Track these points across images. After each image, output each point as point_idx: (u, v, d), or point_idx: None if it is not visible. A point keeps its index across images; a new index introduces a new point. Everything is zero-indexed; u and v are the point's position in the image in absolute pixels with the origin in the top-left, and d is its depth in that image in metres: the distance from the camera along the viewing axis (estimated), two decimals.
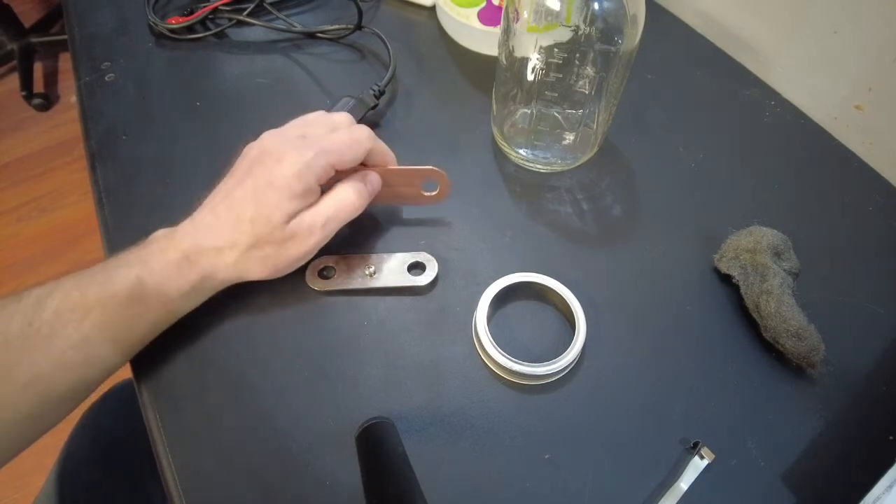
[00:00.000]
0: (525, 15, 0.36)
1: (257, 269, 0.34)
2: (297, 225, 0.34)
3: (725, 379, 0.35)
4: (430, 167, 0.40)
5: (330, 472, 0.31)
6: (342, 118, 0.38)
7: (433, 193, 0.40)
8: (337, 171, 0.36)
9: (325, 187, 0.36)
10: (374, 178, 0.38)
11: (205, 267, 0.32)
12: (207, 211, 0.34)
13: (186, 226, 0.34)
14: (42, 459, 0.50)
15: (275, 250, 0.33)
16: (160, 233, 0.34)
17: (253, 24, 0.53)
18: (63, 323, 0.28)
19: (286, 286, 0.36)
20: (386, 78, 0.47)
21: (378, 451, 0.28)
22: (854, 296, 0.39)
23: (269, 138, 0.35)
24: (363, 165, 0.39)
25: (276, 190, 0.33)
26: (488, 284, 0.36)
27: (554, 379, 0.34)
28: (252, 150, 0.35)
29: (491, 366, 0.34)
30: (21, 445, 0.29)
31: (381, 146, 0.39)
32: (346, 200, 0.35)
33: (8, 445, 0.28)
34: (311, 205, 0.35)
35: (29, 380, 0.28)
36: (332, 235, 0.35)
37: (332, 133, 0.36)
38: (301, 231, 0.34)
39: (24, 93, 1.54)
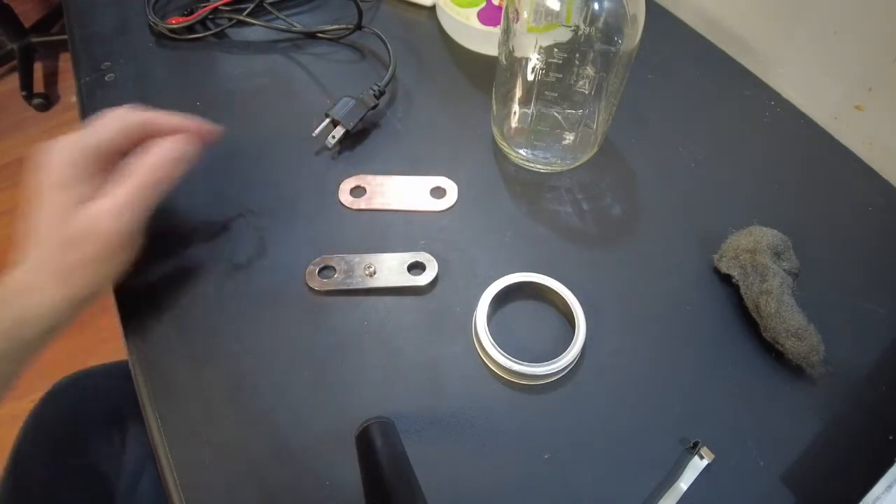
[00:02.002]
0: (525, 15, 0.36)
1: (81, 282, 0.30)
2: (86, 216, 0.30)
3: (725, 379, 0.35)
4: (441, 178, 0.40)
5: (330, 472, 0.31)
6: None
7: (440, 201, 0.41)
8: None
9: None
10: (173, 144, 0.35)
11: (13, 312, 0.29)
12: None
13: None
14: None
15: (77, 254, 0.30)
16: None
17: (253, 24, 0.53)
18: None
19: (286, 286, 0.36)
20: (386, 78, 0.47)
21: (378, 451, 0.28)
22: (854, 296, 0.39)
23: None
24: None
25: (47, 187, 0.30)
26: (488, 284, 0.36)
27: (554, 379, 0.34)
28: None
29: (491, 366, 0.34)
30: None
31: (157, 115, 0.35)
32: (148, 175, 0.32)
33: None
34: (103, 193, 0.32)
35: None
36: (147, 211, 0.33)
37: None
38: (95, 223, 0.30)
39: (24, 93, 1.54)
